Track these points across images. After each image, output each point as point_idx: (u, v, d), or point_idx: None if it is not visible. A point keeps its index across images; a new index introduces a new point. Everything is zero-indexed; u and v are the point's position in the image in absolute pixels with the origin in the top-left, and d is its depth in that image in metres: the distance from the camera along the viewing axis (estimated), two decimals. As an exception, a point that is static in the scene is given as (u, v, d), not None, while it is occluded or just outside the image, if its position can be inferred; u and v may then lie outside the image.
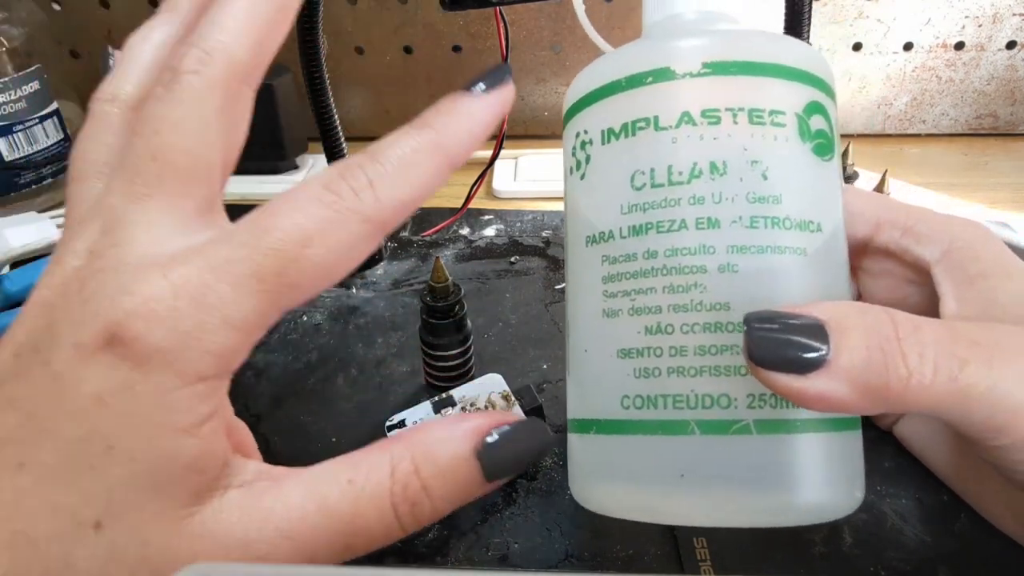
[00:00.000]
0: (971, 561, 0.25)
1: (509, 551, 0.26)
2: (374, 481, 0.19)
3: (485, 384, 0.30)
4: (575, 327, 0.23)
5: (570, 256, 0.24)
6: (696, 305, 0.20)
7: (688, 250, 0.20)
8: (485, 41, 0.57)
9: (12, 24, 0.49)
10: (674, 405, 0.20)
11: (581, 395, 0.22)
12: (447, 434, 0.20)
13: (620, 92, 0.22)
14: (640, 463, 0.20)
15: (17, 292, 0.38)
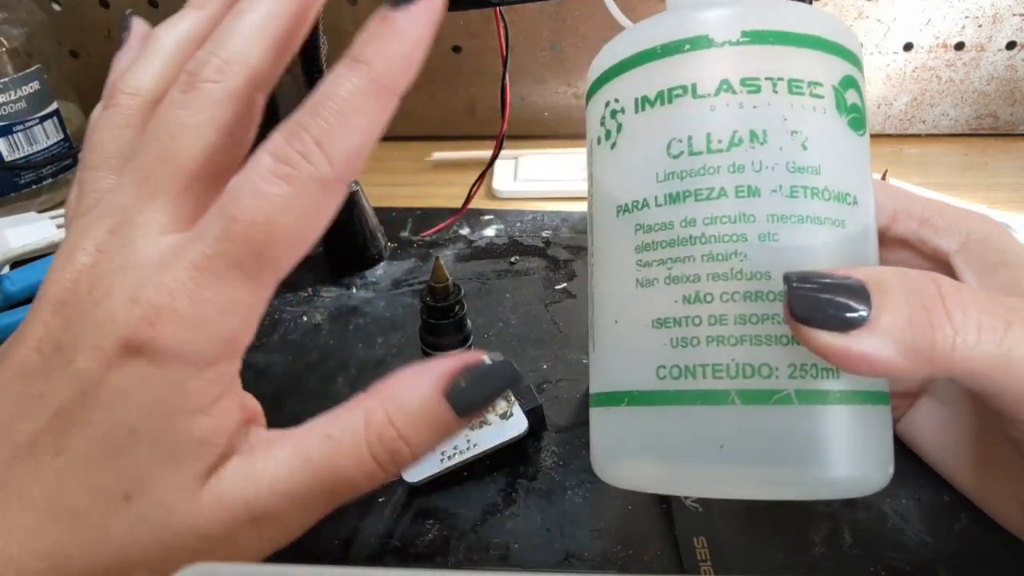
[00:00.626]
0: (971, 561, 0.25)
1: (509, 551, 0.26)
2: (350, 434, 0.21)
3: None
4: (603, 299, 0.23)
5: (597, 228, 0.23)
6: (736, 274, 0.19)
7: (728, 218, 0.20)
8: (485, 41, 0.57)
9: (12, 24, 0.49)
10: (714, 375, 0.19)
11: (609, 368, 0.22)
12: (415, 381, 0.21)
13: (655, 60, 0.21)
14: (677, 435, 0.20)
15: (17, 292, 0.38)
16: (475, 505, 0.28)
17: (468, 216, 0.47)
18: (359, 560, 0.26)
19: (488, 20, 0.56)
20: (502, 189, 0.52)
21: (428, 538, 0.26)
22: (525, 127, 0.61)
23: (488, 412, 0.29)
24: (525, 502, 0.28)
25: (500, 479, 0.29)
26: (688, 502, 0.27)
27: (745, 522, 0.27)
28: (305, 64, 0.36)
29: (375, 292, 0.41)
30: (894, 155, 0.56)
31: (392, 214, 0.49)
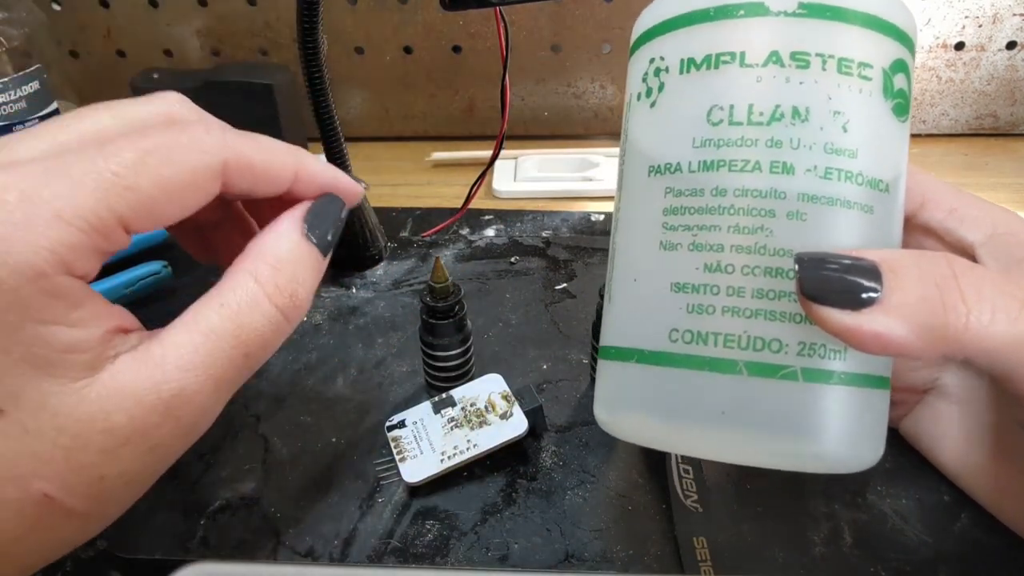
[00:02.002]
0: (971, 561, 0.25)
1: (509, 551, 0.26)
2: (244, 293, 0.21)
3: (485, 384, 0.30)
4: (625, 255, 0.23)
5: (627, 184, 0.23)
6: (760, 248, 0.20)
7: (759, 192, 0.20)
8: (485, 41, 0.57)
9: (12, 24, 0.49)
10: (725, 344, 0.20)
11: (623, 324, 0.22)
12: (277, 232, 0.23)
13: (706, 22, 0.21)
14: (681, 397, 0.20)
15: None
16: (475, 505, 0.28)
17: (468, 216, 0.47)
18: (359, 560, 0.26)
19: (488, 20, 0.56)
20: (502, 189, 0.52)
21: (428, 538, 0.26)
22: (525, 127, 0.61)
23: (488, 412, 0.29)
24: (525, 502, 0.28)
25: (500, 479, 0.29)
26: (688, 502, 0.27)
27: (745, 522, 0.27)
28: (305, 64, 0.36)
29: (375, 292, 0.41)
30: (894, 155, 0.56)
31: (392, 214, 0.49)
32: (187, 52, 0.59)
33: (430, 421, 0.29)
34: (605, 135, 0.61)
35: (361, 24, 0.57)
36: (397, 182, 0.55)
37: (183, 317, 0.21)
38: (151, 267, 0.40)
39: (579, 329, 0.37)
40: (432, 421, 0.29)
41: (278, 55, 0.59)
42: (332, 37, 0.57)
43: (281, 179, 0.24)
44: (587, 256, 0.43)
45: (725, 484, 0.28)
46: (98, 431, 0.19)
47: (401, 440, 0.29)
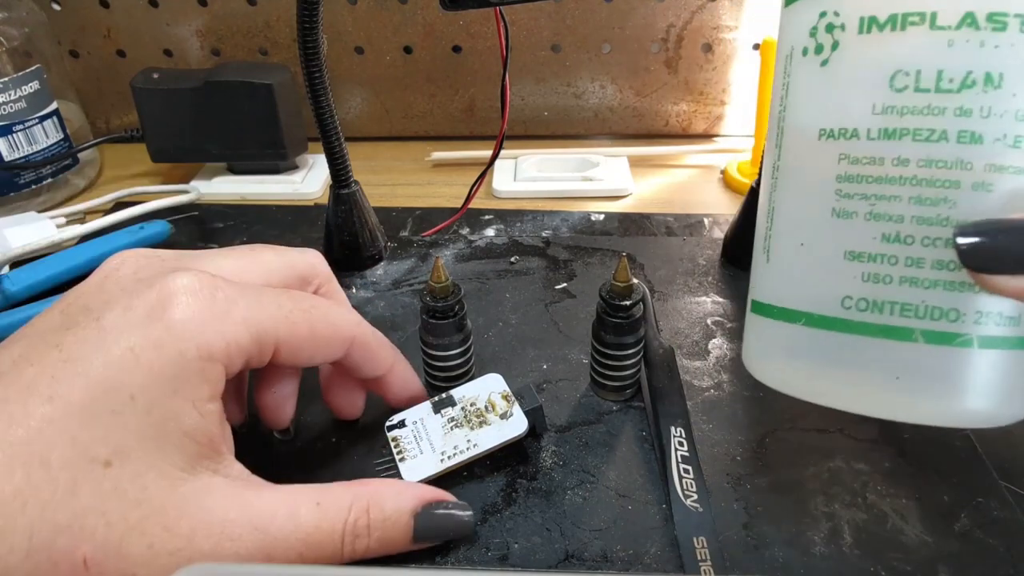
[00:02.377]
0: (971, 561, 0.25)
1: (509, 551, 0.26)
2: (336, 508, 0.23)
3: (485, 384, 0.30)
4: (788, 219, 0.23)
5: (789, 144, 0.23)
6: (942, 220, 0.19)
7: (944, 163, 0.19)
8: (485, 41, 0.57)
9: (12, 24, 0.49)
10: (902, 313, 0.20)
11: (787, 286, 0.23)
12: (397, 491, 0.25)
13: None
14: (854, 361, 0.21)
15: (17, 292, 0.38)
16: (475, 505, 0.28)
17: (468, 216, 0.47)
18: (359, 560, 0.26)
19: (488, 20, 0.56)
20: (502, 189, 0.52)
21: (428, 538, 0.26)
22: (525, 127, 0.61)
23: (488, 412, 0.29)
24: (525, 502, 0.28)
25: (500, 479, 0.29)
26: (688, 502, 0.27)
27: (745, 522, 0.27)
28: (305, 64, 0.36)
29: (375, 292, 0.41)
30: (894, 155, 0.56)
31: (392, 214, 0.49)
32: (187, 52, 0.59)
33: (430, 421, 0.29)
34: (605, 135, 0.61)
35: (361, 24, 0.57)
36: (397, 182, 0.55)
37: (288, 487, 0.23)
38: (151, 267, 0.40)
39: (579, 329, 0.37)
40: (432, 421, 0.29)
41: (278, 55, 0.59)
42: (332, 37, 0.57)
43: (380, 367, 0.28)
44: (587, 256, 0.43)
45: (725, 484, 0.28)
46: (162, 526, 0.20)
47: (401, 440, 0.29)
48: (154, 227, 0.44)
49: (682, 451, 0.28)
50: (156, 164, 0.54)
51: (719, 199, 0.51)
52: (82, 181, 0.55)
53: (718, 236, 0.45)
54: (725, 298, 0.39)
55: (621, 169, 0.53)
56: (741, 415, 0.31)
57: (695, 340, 0.36)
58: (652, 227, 0.47)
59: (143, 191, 0.52)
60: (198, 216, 0.49)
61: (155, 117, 0.51)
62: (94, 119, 0.62)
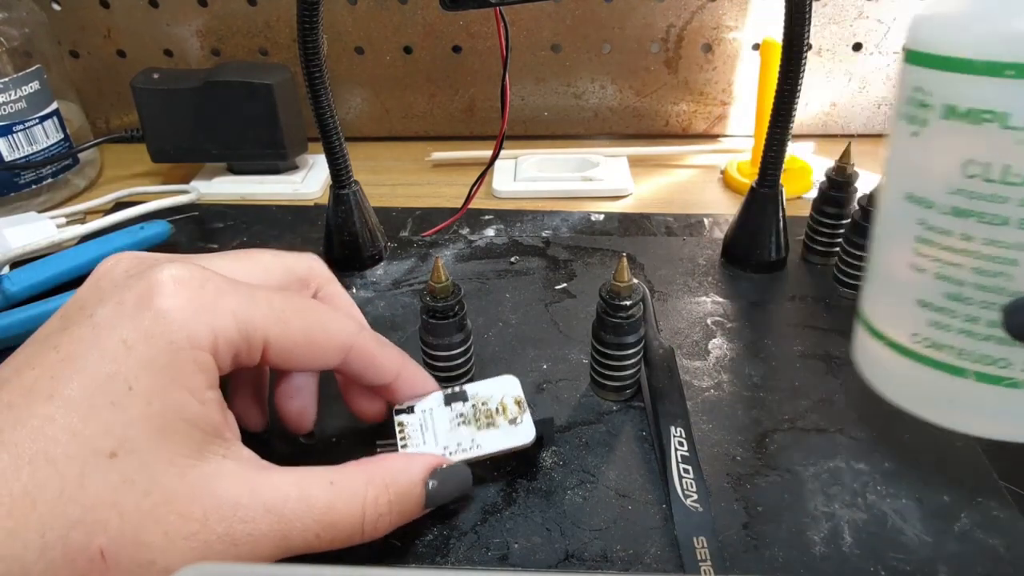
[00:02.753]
0: (971, 561, 0.25)
1: (509, 551, 0.26)
2: (352, 487, 0.23)
3: (501, 385, 0.30)
4: (883, 258, 0.27)
5: (888, 193, 0.26)
6: (998, 289, 0.22)
7: (1004, 244, 0.22)
8: (485, 41, 0.57)
9: (12, 24, 0.49)
10: (958, 356, 0.24)
11: (878, 311, 0.27)
12: (406, 463, 0.25)
13: (970, 72, 0.21)
14: (916, 384, 0.26)
15: (17, 292, 0.38)
16: (475, 505, 0.28)
17: (468, 216, 0.47)
18: (359, 560, 0.26)
19: (488, 20, 0.56)
20: (502, 189, 0.52)
21: (428, 538, 0.26)
22: (525, 127, 0.61)
23: (498, 415, 0.29)
24: (525, 502, 0.28)
25: (500, 479, 0.29)
26: (688, 502, 0.27)
27: (745, 522, 0.27)
28: (305, 64, 0.36)
29: (375, 292, 0.41)
30: (894, 155, 0.56)
31: (392, 214, 0.49)
32: (187, 52, 0.59)
33: (439, 413, 0.29)
34: (605, 135, 0.61)
35: (361, 24, 0.57)
36: (397, 182, 0.55)
37: (299, 468, 0.23)
38: (151, 267, 0.40)
39: (579, 329, 0.37)
40: (441, 413, 0.29)
41: (278, 55, 0.59)
42: (332, 37, 0.57)
43: (383, 375, 0.28)
44: (587, 256, 0.43)
45: (725, 484, 0.28)
46: (176, 512, 0.20)
47: (407, 426, 0.28)
48: (154, 227, 0.44)
49: (682, 451, 0.29)
50: (156, 164, 0.54)
51: (719, 199, 0.51)
52: (82, 181, 0.55)
53: (718, 236, 0.45)
54: (725, 298, 0.39)
55: (621, 169, 0.53)
56: (741, 415, 0.31)
57: (695, 340, 0.36)
58: (652, 227, 0.47)
59: (143, 191, 0.52)
60: (198, 216, 0.49)
61: (155, 117, 0.51)
62: (94, 119, 0.62)
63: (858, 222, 0.37)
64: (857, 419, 0.31)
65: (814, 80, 0.57)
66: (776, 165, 0.39)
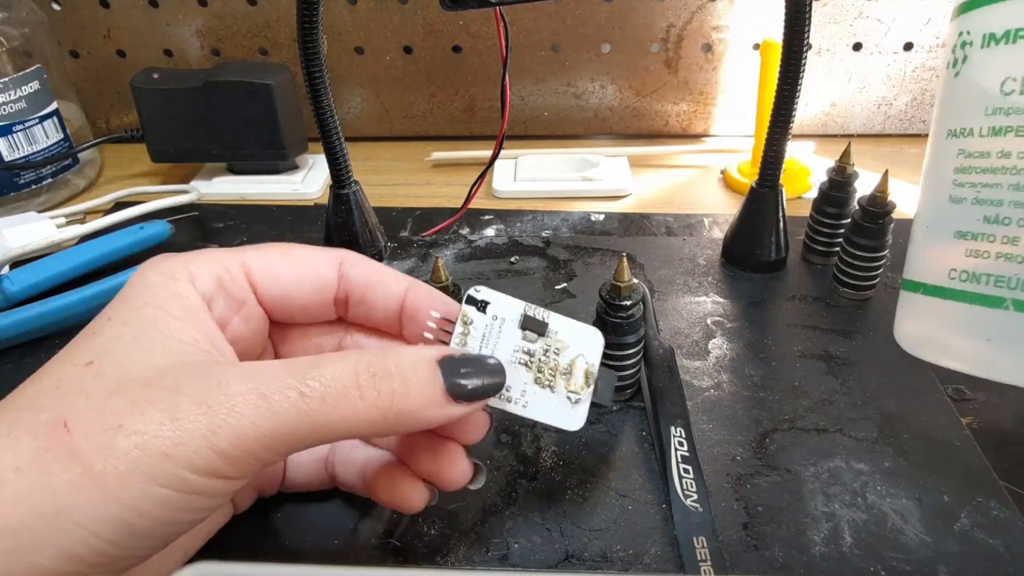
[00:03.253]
0: (971, 561, 0.25)
1: (509, 551, 0.26)
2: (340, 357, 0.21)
3: (583, 338, 0.25)
4: (923, 206, 0.28)
5: (932, 144, 0.28)
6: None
7: None
8: (485, 41, 0.57)
9: (12, 24, 0.49)
10: (995, 284, 0.25)
11: (916, 262, 0.28)
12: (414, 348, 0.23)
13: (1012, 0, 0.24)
14: (954, 324, 0.26)
15: (17, 292, 0.38)
16: (475, 505, 0.28)
17: (468, 216, 0.47)
18: (359, 560, 0.26)
19: (488, 20, 0.56)
20: (502, 189, 0.52)
21: (428, 538, 0.26)
22: (525, 127, 0.61)
23: (562, 377, 0.25)
24: (525, 502, 0.28)
25: (500, 479, 0.29)
26: (688, 502, 0.27)
27: (745, 522, 0.27)
28: (305, 64, 0.36)
29: (375, 292, 0.41)
30: (894, 155, 0.56)
31: (392, 214, 0.49)
32: (187, 52, 0.59)
33: (508, 332, 0.24)
34: (605, 135, 0.61)
35: (361, 24, 0.57)
36: (397, 182, 0.55)
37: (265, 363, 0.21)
38: (151, 267, 0.40)
39: (579, 329, 0.37)
40: (510, 333, 0.24)
41: (278, 55, 0.59)
42: (332, 37, 0.57)
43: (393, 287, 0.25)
44: (587, 256, 0.43)
45: (725, 484, 0.28)
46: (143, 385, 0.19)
47: (471, 324, 0.24)
48: (154, 227, 0.44)
49: (682, 451, 0.29)
50: (156, 164, 0.54)
51: (719, 199, 0.51)
52: (82, 181, 0.55)
53: (718, 236, 0.45)
54: (725, 298, 0.39)
55: (621, 169, 0.53)
56: (741, 415, 0.31)
57: (695, 340, 0.36)
58: (652, 227, 0.47)
59: (143, 191, 0.52)
60: (198, 216, 0.49)
61: (155, 117, 0.51)
62: (94, 119, 0.62)
63: (858, 222, 0.37)
64: (857, 419, 0.31)
65: (814, 80, 0.57)
66: (776, 165, 0.39)
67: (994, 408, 0.31)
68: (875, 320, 0.37)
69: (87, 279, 0.39)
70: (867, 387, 0.33)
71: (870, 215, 0.37)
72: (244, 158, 0.53)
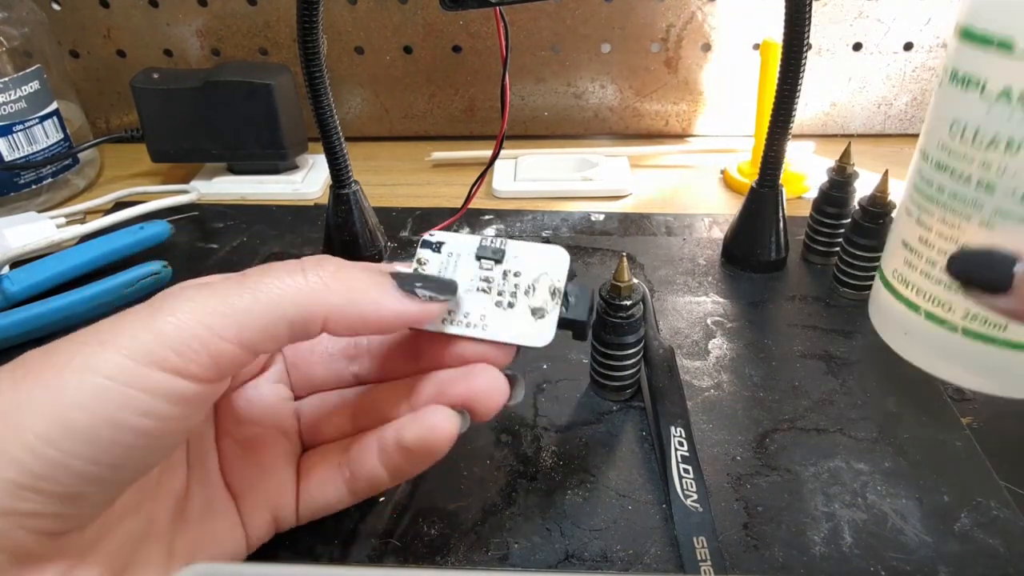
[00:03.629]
0: (971, 561, 0.25)
1: (509, 551, 0.26)
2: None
3: (545, 259, 0.25)
4: (899, 204, 0.31)
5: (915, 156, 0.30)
6: (953, 240, 0.27)
7: (964, 200, 0.26)
8: (485, 41, 0.57)
9: (12, 24, 0.49)
10: (916, 293, 0.29)
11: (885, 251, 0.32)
12: None
13: (969, 41, 0.25)
14: (886, 312, 0.31)
15: (17, 292, 0.38)
16: (475, 505, 0.28)
17: (468, 216, 0.47)
18: (359, 560, 0.26)
19: (488, 20, 0.56)
20: (502, 189, 0.52)
21: (428, 538, 0.26)
22: (525, 127, 0.61)
23: (525, 295, 0.24)
24: (525, 502, 0.28)
25: (500, 479, 0.29)
26: (688, 502, 0.27)
27: (745, 522, 0.27)
28: (305, 64, 0.36)
29: (375, 292, 0.41)
30: (894, 155, 0.56)
31: (392, 214, 0.49)
32: (187, 52, 0.59)
33: (464, 264, 0.25)
34: (605, 135, 0.61)
35: (361, 24, 0.57)
36: (397, 182, 0.55)
37: None
38: (151, 267, 0.40)
39: (579, 329, 0.37)
40: (466, 265, 0.25)
41: (278, 55, 0.59)
42: (332, 37, 0.57)
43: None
44: (587, 256, 0.43)
45: (725, 484, 0.28)
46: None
47: (425, 267, 0.25)
48: (154, 227, 0.44)
49: (682, 451, 0.29)
50: (156, 164, 0.54)
51: (719, 199, 0.51)
52: (82, 181, 0.55)
53: (718, 236, 0.45)
54: (725, 298, 0.39)
55: (621, 169, 0.53)
56: (741, 415, 0.31)
57: (695, 340, 0.36)
58: (652, 227, 0.47)
59: (143, 191, 0.52)
60: (198, 216, 0.49)
61: (155, 117, 0.51)
62: (94, 119, 0.62)
63: (858, 222, 0.37)
64: (857, 419, 0.31)
65: (814, 80, 0.57)
66: (776, 165, 0.39)
67: (994, 408, 0.31)
68: (875, 320, 0.37)
69: (87, 279, 0.39)
70: (867, 387, 0.33)
71: (870, 215, 0.37)
72: (244, 158, 0.53)
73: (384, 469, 0.24)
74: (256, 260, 0.44)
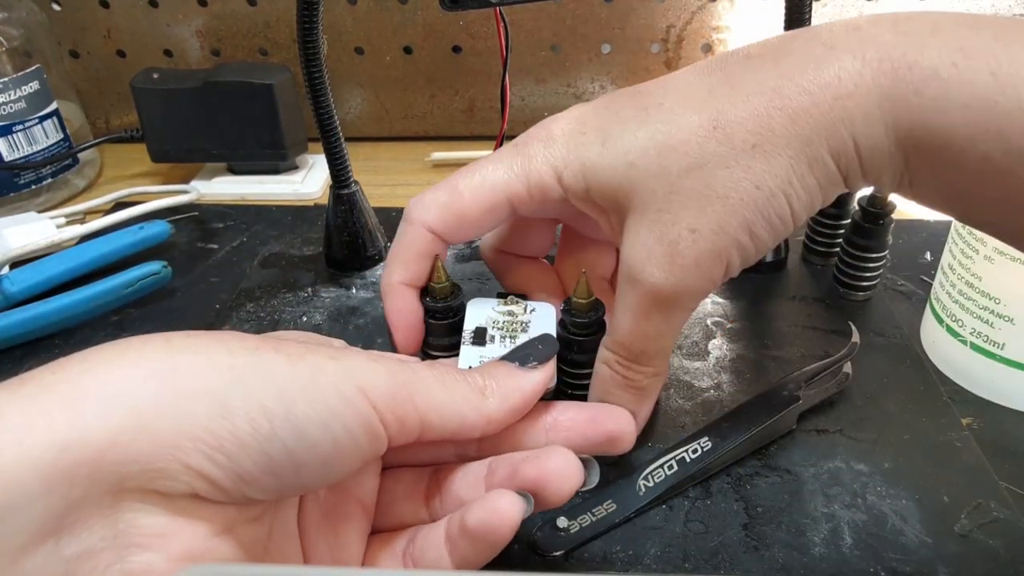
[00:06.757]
0: (971, 561, 0.25)
1: (510, 551, 0.26)
2: None
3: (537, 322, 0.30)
4: None
5: None
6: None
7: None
8: (485, 41, 0.57)
9: (12, 24, 0.49)
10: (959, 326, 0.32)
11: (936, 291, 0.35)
12: None
13: None
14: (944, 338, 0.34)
15: (17, 292, 0.38)
16: (475, 505, 0.28)
17: (468, 216, 0.47)
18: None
19: (488, 20, 0.56)
20: (502, 189, 0.52)
21: (428, 538, 0.26)
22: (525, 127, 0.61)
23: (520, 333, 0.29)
24: (525, 502, 0.28)
25: (500, 479, 0.29)
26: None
27: (745, 522, 0.27)
28: (305, 64, 0.36)
29: (375, 292, 0.41)
30: (894, 155, 0.56)
31: (392, 214, 0.49)
32: (187, 52, 0.59)
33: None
34: (605, 135, 0.61)
35: (361, 24, 0.57)
36: (397, 182, 0.55)
37: None
38: (151, 267, 0.40)
39: (579, 329, 0.37)
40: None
41: (278, 55, 0.59)
42: (332, 37, 0.57)
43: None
44: (587, 256, 0.43)
45: (725, 484, 0.28)
46: None
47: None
48: (154, 227, 0.44)
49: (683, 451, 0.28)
50: (156, 164, 0.54)
51: (719, 199, 0.51)
52: (82, 181, 0.55)
53: (718, 236, 0.45)
54: (725, 298, 0.39)
55: (621, 169, 0.53)
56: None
57: (695, 340, 0.36)
58: (652, 227, 0.47)
59: (143, 191, 0.52)
60: (198, 216, 0.49)
61: (155, 117, 0.51)
62: (94, 119, 0.62)
63: (858, 222, 0.37)
64: (857, 419, 0.31)
65: (814, 80, 0.57)
66: (776, 165, 0.39)
67: (994, 408, 0.31)
68: (875, 321, 0.37)
69: (87, 279, 0.39)
70: (867, 387, 0.33)
71: (870, 216, 0.37)
72: (244, 158, 0.53)
73: (449, 557, 0.23)
74: (256, 260, 0.44)
